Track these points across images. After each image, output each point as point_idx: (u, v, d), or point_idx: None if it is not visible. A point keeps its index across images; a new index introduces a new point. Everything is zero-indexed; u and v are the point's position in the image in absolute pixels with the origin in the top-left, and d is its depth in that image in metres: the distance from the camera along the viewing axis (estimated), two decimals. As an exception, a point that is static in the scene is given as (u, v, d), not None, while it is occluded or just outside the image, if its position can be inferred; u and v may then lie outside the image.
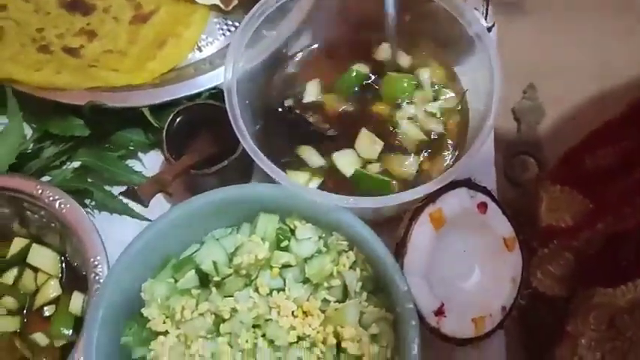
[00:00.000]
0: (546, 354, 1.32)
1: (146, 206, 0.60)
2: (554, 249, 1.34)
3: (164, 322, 0.59)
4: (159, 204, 0.71)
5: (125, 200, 0.72)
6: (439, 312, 0.60)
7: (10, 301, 0.66)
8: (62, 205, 0.64)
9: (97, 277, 0.61)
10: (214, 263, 0.60)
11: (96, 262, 0.62)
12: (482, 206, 0.63)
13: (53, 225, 0.67)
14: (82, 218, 0.63)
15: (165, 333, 0.58)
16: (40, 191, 0.64)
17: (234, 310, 0.58)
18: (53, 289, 0.67)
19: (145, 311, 0.59)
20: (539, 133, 1.34)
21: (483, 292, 0.63)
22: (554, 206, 0.94)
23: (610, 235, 1.08)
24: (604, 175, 1.04)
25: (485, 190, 0.64)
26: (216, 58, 0.78)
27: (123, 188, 0.73)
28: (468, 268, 0.64)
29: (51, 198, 0.64)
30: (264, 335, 0.59)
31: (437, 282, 0.61)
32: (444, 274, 0.62)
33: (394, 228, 0.64)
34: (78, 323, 0.65)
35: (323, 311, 0.59)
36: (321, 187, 0.64)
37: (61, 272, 0.69)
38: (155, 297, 0.59)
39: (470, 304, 0.62)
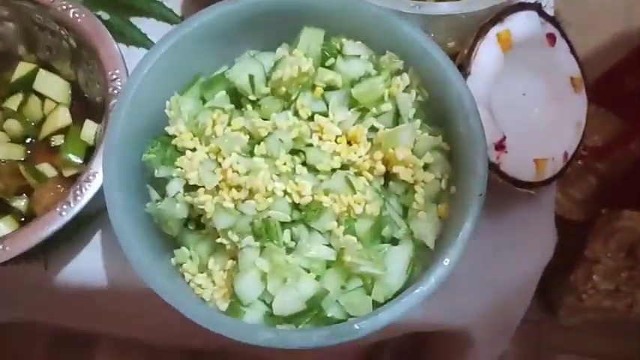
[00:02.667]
0: (560, 280, 1.28)
1: None
2: (577, 170, 1.29)
3: (192, 139, 0.52)
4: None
5: (143, 30, 0.65)
6: (500, 146, 0.54)
7: (14, 126, 0.59)
8: (77, 15, 0.56)
9: (115, 92, 0.54)
10: (250, 78, 0.52)
11: (114, 76, 0.55)
12: (551, 38, 0.57)
13: (65, 44, 0.59)
14: (98, 28, 0.56)
15: (193, 150, 0.51)
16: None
17: (272, 128, 0.51)
18: (62, 117, 0.60)
19: (169, 129, 0.52)
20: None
21: (547, 133, 0.57)
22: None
23: (641, 156, 1.02)
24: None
25: (554, 22, 0.57)
26: None
27: (141, 19, 0.66)
28: (533, 104, 0.57)
29: (64, 7, 0.56)
30: (303, 163, 0.52)
31: (499, 112, 0.54)
32: (508, 105, 0.55)
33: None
34: (89, 154, 0.58)
35: (370, 140, 0.52)
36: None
37: (71, 102, 0.62)
38: (182, 112, 0.52)
39: (532, 142, 0.56)
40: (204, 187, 0.50)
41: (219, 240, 0.50)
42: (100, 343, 1.21)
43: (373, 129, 0.53)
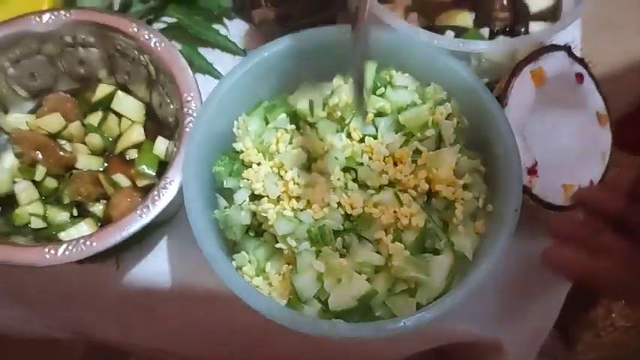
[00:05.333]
0: (579, 317, 1.31)
1: (255, 25, 0.60)
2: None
3: (257, 155, 0.58)
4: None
5: (209, 60, 0.73)
6: (532, 171, 0.59)
7: (95, 139, 0.66)
8: (157, 44, 0.64)
9: (190, 112, 0.61)
10: (310, 102, 0.59)
11: (189, 98, 0.61)
12: (579, 77, 0.63)
13: (142, 70, 0.67)
14: (177, 57, 0.63)
15: (258, 164, 0.58)
16: (135, 29, 0.64)
17: (328, 147, 0.57)
18: (136, 133, 0.67)
19: (237, 145, 0.59)
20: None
21: (575, 161, 0.63)
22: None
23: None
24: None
25: (582, 62, 0.63)
26: None
27: (207, 50, 0.74)
28: (562, 134, 0.63)
29: (146, 37, 0.64)
30: (354, 179, 0.58)
31: (532, 140, 0.60)
32: (540, 134, 0.61)
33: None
34: (160, 167, 0.65)
35: (414, 162, 0.59)
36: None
37: (145, 121, 0.69)
38: (248, 131, 0.59)
39: (562, 169, 0.62)
40: (267, 196, 0.56)
41: (278, 245, 0.56)
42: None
43: (417, 151, 0.59)
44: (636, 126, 1.27)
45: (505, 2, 0.69)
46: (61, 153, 0.65)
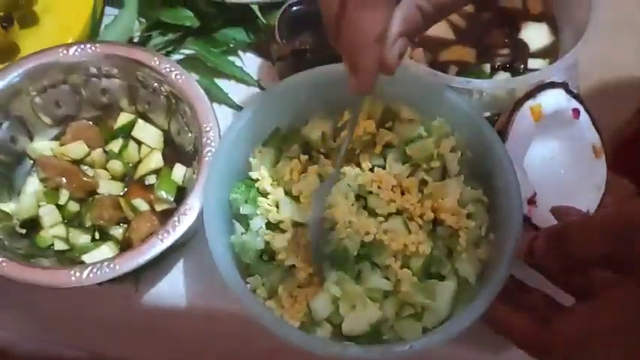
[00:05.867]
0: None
1: (273, 62, 0.64)
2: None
3: (271, 184, 0.62)
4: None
5: (225, 90, 0.76)
6: (531, 201, 0.63)
7: (116, 166, 0.70)
8: (178, 77, 0.67)
9: (208, 141, 0.64)
10: (323, 134, 0.63)
11: (208, 128, 0.65)
12: (576, 112, 0.67)
13: (162, 99, 0.70)
14: (196, 89, 0.67)
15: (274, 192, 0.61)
16: (157, 62, 0.68)
17: (341, 174, 0.61)
18: (155, 160, 0.70)
19: (253, 174, 0.63)
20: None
21: (572, 192, 0.66)
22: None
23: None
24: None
25: (578, 98, 0.67)
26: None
27: (223, 80, 0.78)
28: (560, 166, 0.67)
29: (167, 69, 0.68)
30: (364, 207, 0.61)
31: (531, 172, 0.64)
32: (539, 166, 0.65)
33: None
34: (178, 193, 0.69)
35: (421, 191, 0.62)
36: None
37: (163, 148, 0.72)
38: (264, 161, 0.63)
39: (559, 200, 0.65)
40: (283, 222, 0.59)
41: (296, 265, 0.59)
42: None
43: (423, 182, 0.62)
44: (631, 152, 1.31)
45: (505, 40, 0.74)
46: (84, 178, 0.68)
